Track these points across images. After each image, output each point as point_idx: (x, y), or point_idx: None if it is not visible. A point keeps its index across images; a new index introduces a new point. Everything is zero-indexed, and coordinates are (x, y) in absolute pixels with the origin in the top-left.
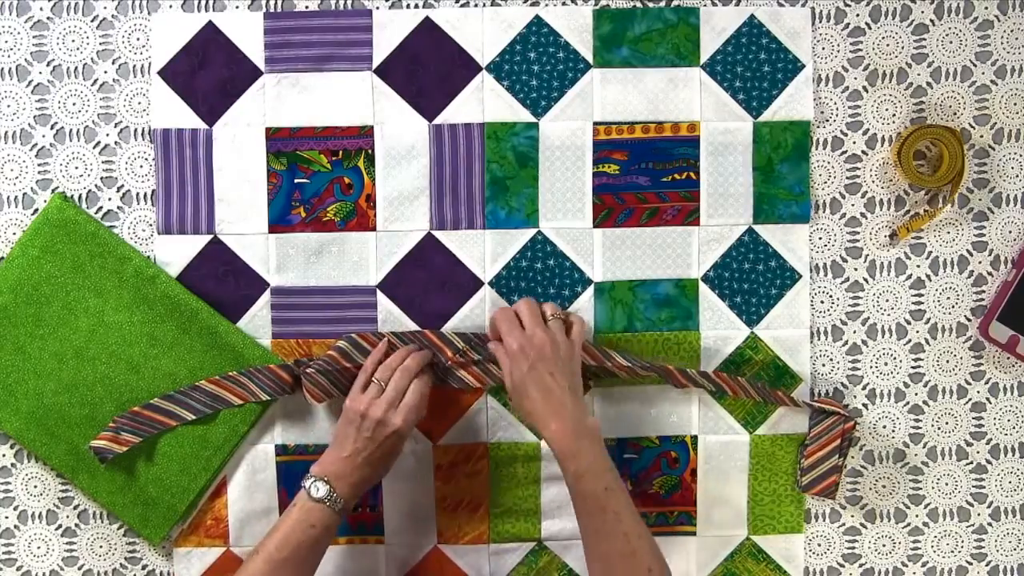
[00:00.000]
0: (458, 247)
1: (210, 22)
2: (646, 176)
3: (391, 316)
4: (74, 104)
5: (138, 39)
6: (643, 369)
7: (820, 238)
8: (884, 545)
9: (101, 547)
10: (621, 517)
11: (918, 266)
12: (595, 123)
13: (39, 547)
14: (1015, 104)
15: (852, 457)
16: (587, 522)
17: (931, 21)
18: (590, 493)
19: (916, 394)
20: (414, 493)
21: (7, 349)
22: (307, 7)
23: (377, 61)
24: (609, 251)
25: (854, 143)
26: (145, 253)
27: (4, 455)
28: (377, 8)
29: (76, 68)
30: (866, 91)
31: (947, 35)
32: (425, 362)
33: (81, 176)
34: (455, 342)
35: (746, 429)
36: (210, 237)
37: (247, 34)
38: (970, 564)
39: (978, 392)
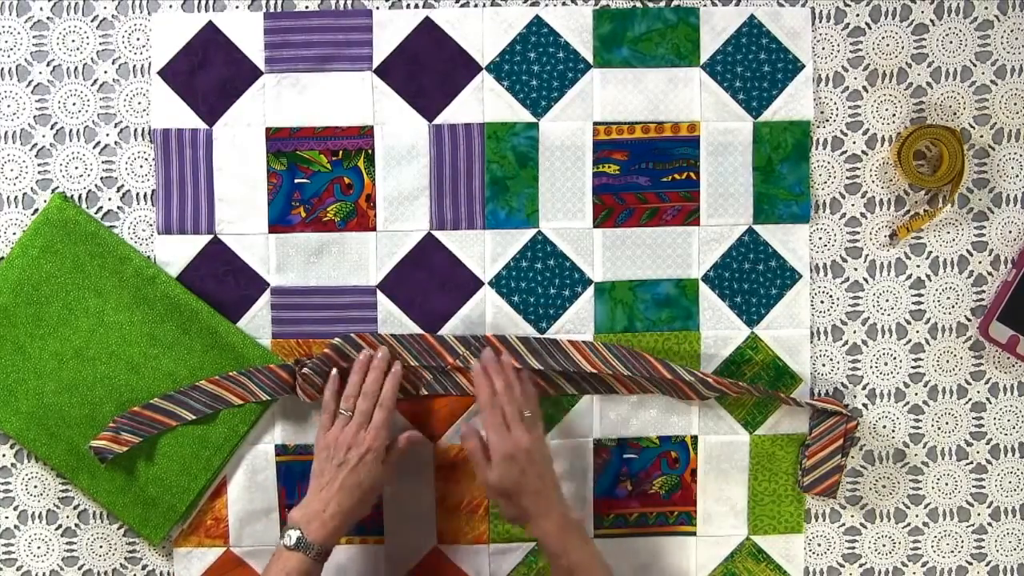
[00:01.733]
0: (458, 247)
1: (210, 22)
2: (646, 176)
3: (391, 316)
4: (74, 104)
5: (138, 39)
6: (645, 380)
7: (820, 238)
8: (884, 545)
9: (101, 547)
10: None
11: (918, 266)
12: (595, 123)
13: (39, 547)
14: (1015, 104)
15: (852, 457)
16: None
17: (931, 21)
18: None
19: (916, 394)
20: (414, 493)
21: (7, 349)
22: (307, 7)
23: (377, 61)
24: (609, 251)
25: (854, 143)
26: (145, 253)
27: (4, 455)
28: (377, 8)
29: (76, 68)
30: (866, 91)
31: (947, 35)
32: (384, 376)
33: (81, 176)
34: (455, 347)
35: (746, 429)
36: (210, 237)
37: (247, 34)
38: (970, 564)
39: (978, 392)
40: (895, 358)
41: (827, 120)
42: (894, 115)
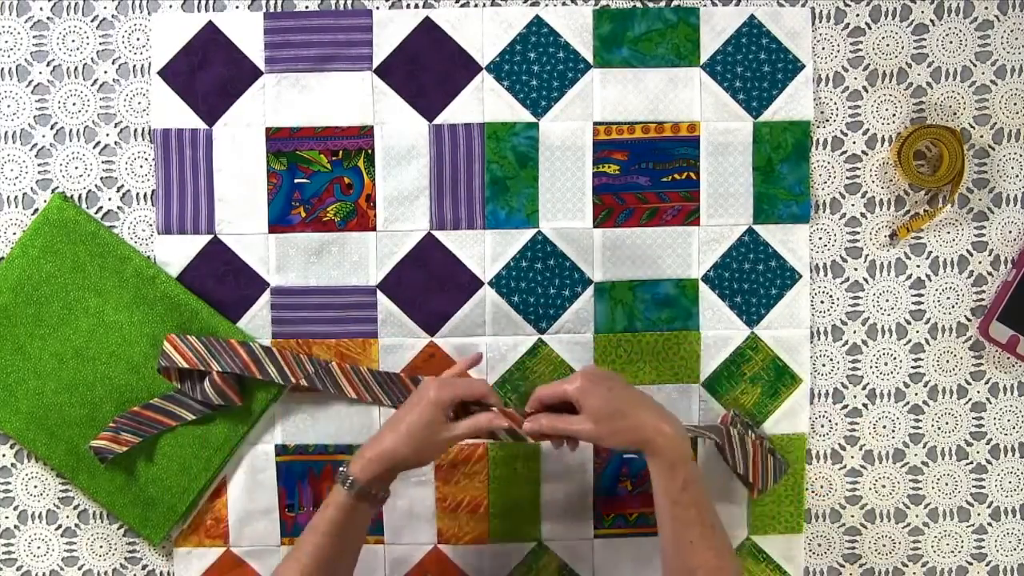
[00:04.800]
0: (458, 247)
1: (210, 22)
2: (646, 176)
3: (391, 316)
4: (74, 104)
5: (138, 39)
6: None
7: (820, 238)
8: (884, 545)
9: (101, 547)
10: (715, 530)
11: (918, 266)
12: (595, 123)
13: (39, 547)
14: (1015, 104)
15: (852, 457)
16: (682, 533)
17: (931, 21)
18: (692, 503)
19: (916, 394)
20: (414, 493)
21: (7, 349)
22: (307, 7)
23: (377, 61)
24: (609, 251)
25: (854, 143)
26: (145, 253)
27: (4, 455)
28: (377, 8)
29: (76, 68)
30: (866, 91)
31: (947, 35)
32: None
33: (81, 176)
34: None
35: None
36: (210, 237)
37: (247, 34)
38: (970, 564)
39: (978, 392)
40: (895, 358)
41: (827, 120)
42: (894, 115)
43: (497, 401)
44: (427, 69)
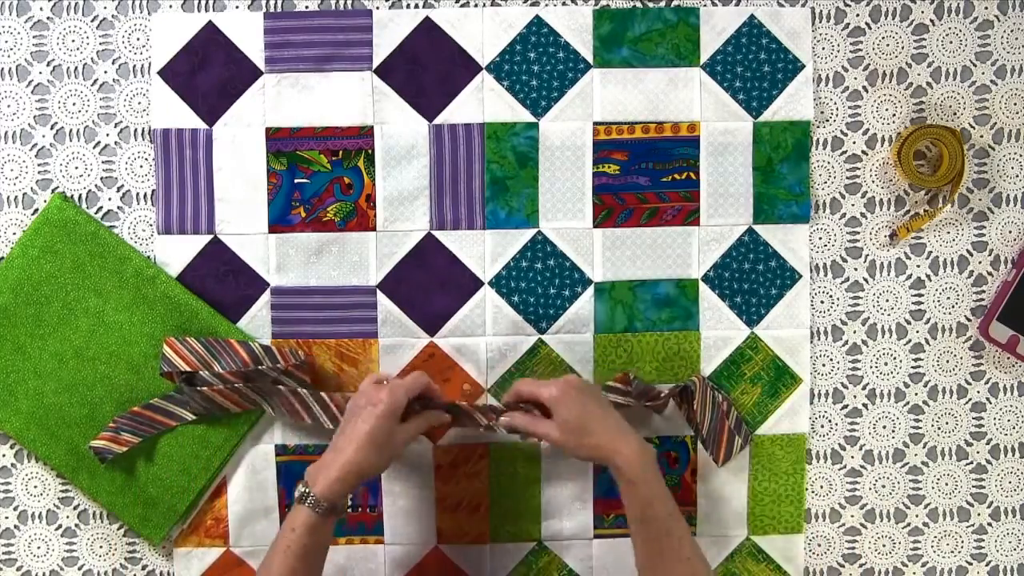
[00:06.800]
0: (458, 247)
1: (210, 22)
2: (646, 176)
3: (391, 316)
4: (74, 104)
5: (138, 39)
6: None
7: (820, 238)
8: (884, 545)
9: (101, 547)
10: (683, 542)
11: (918, 266)
12: (595, 123)
13: (39, 547)
14: (1015, 104)
15: (852, 457)
16: (651, 547)
17: (931, 21)
18: (657, 517)
19: (916, 394)
20: (414, 493)
21: (7, 349)
22: (307, 7)
23: (377, 61)
24: (609, 251)
25: (854, 143)
26: (145, 253)
27: (4, 455)
28: (377, 8)
29: (76, 68)
30: (866, 91)
31: (947, 35)
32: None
33: (81, 176)
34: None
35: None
36: (210, 237)
37: (247, 34)
38: (970, 564)
39: (978, 392)
40: (895, 358)
41: (827, 120)
42: (894, 115)
43: (438, 393)
44: (427, 69)
